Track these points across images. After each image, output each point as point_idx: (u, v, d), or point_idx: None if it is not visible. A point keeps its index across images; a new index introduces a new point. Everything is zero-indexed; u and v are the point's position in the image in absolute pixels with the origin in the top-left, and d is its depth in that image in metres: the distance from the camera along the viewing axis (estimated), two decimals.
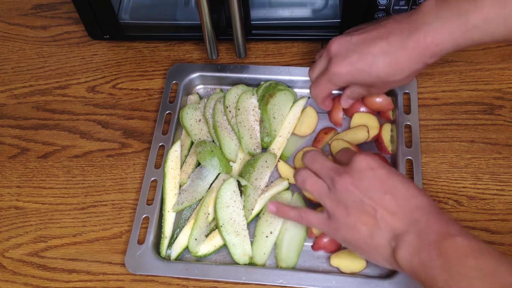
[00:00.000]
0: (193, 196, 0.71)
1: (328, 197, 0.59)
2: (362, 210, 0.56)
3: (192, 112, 0.77)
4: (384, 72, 0.63)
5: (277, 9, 0.81)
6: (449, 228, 0.53)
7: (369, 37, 0.63)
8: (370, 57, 0.62)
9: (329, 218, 0.59)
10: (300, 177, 0.62)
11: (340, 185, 0.57)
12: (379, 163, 0.58)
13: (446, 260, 0.50)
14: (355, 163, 0.58)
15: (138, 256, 0.67)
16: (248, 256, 0.67)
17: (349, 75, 0.64)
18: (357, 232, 0.57)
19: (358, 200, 0.56)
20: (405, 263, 0.54)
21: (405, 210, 0.55)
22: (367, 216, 0.56)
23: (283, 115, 0.76)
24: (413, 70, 0.62)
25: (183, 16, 0.84)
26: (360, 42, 0.63)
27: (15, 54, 0.88)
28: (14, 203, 0.74)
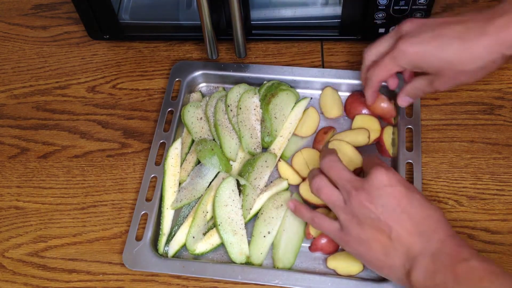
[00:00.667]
0: (192, 194, 0.71)
1: (343, 210, 0.57)
2: (377, 228, 0.55)
3: (194, 110, 0.77)
4: (457, 58, 0.58)
5: (277, 9, 0.81)
6: (462, 251, 0.53)
7: (448, 21, 0.59)
8: (445, 39, 0.58)
9: (342, 229, 0.58)
10: (316, 184, 0.59)
11: (357, 200, 0.56)
12: (398, 179, 0.56)
13: (461, 284, 0.50)
14: (373, 178, 0.56)
15: (135, 252, 0.67)
16: (245, 256, 0.67)
17: (417, 55, 0.60)
18: (370, 248, 0.56)
19: (374, 217, 0.55)
20: (419, 286, 0.53)
21: (420, 231, 0.54)
22: (382, 234, 0.55)
23: (285, 115, 0.76)
24: (487, 61, 0.58)
25: (183, 16, 0.84)
26: (438, 24, 0.60)
27: (15, 54, 0.88)
28: (14, 203, 0.74)
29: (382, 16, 0.76)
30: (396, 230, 0.54)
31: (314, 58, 0.83)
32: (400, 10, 0.75)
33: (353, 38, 0.82)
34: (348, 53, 0.83)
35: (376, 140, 0.73)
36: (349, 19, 0.78)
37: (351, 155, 0.70)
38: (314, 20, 0.81)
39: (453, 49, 0.58)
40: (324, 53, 0.84)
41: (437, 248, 0.53)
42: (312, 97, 0.78)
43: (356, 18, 0.77)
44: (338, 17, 0.79)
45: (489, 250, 0.67)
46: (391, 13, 0.75)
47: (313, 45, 0.85)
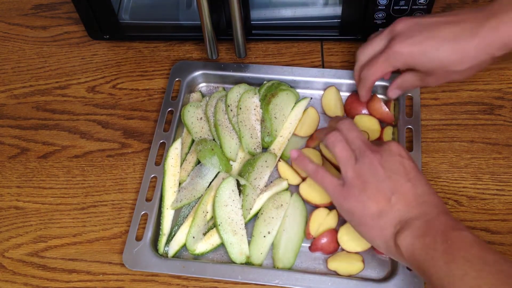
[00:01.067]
0: (192, 194, 0.71)
1: (352, 167, 0.58)
2: (380, 190, 0.56)
3: (194, 110, 0.77)
4: (448, 59, 0.60)
5: (277, 9, 0.81)
6: (458, 224, 0.54)
7: (440, 21, 0.61)
8: (437, 40, 0.60)
9: (343, 185, 0.58)
10: (332, 137, 0.60)
11: (369, 159, 0.57)
12: (409, 155, 0.58)
13: (451, 246, 0.51)
14: (388, 146, 0.58)
15: (135, 252, 0.67)
16: (245, 256, 0.67)
17: (410, 56, 0.62)
18: (366, 207, 0.56)
19: (381, 179, 0.56)
20: (406, 245, 0.53)
21: (419, 202, 0.55)
22: (382, 197, 0.56)
23: (285, 115, 0.76)
24: (477, 61, 0.60)
25: (183, 16, 0.84)
26: (430, 24, 0.61)
27: (15, 54, 0.88)
28: (14, 203, 0.74)
29: (382, 16, 0.76)
30: (397, 196, 0.55)
31: (314, 58, 0.83)
32: (400, 10, 0.75)
33: (353, 38, 0.82)
34: (348, 53, 0.83)
35: (376, 140, 0.73)
36: (349, 19, 0.78)
37: None
38: (314, 20, 0.81)
39: (445, 50, 0.60)
40: (324, 53, 0.84)
41: (434, 216, 0.54)
42: (312, 97, 0.78)
43: (356, 18, 0.77)
44: (338, 17, 0.79)
45: None
46: (391, 13, 0.75)
47: (313, 45, 0.85)
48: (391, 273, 0.65)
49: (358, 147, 0.59)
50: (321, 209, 0.68)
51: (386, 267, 0.66)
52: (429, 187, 0.57)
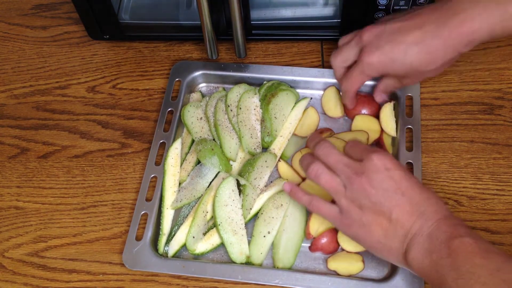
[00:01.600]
0: (192, 194, 0.71)
1: (344, 195, 0.58)
2: (378, 211, 0.56)
3: (194, 110, 0.77)
4: (418, 62, 0.62)
5: (277, 9, 0.81)
6: (458, 229, 0.54)
7: (404, 26, 0.62)
8: (404, 46, 0.62)
9: (342, 213, 0.59)
10: (313, 171, 0.60)
11: (357, 184, 0.57)
12: (394, 163, 0.57)
13: (455, 259, 0.51)
14: (370, 162, 0.57)
15: (135, 252, 0.67)
16: (245, 255, 0.67)
17: (382, 65, 0.64)
18: (370, 232, 0.57)
19: (375, 200, 0.56)
20: (416, 264, 0.54)
21: (418, 212, 0.55)
22: (382, 217, 0.56)
23: (285, 115, 0.76)
24: (447, 59, 0.62)
25: (183, 16, 0.84)
26: (395, 31, 0.63)
27: (15, 54, 0.88)
28: (14, 203, 0.74)
29: (382, 16, 0.76)
30: (396, 212, 0.55)
31: (314, 58, 0.83)
32: (400, 10, 0.75)
33: None
34: None
35: (376, 140, 0.73)
36: (349, 19, 0.78)
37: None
38: (314, 20, 0.81)
39: (414, 54, 0.62)
40: (324, 53, 0.84)
41: (434, 227, 0.54)
42: (312, 97, 0.78)
43: (356, 18, 0.77)
44: (338, 17, 0.79)
45: None
46: (391, 13, 0.75)
47: (313, 45, 0.85)
48: (391, 273, 0.65)
49: (342, 172, 0.58)
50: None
51: (386, 267, 0.66)
52: (424, 192, 0.56)
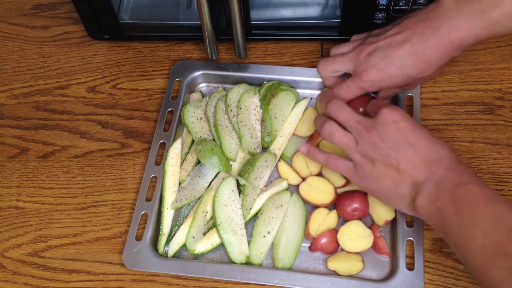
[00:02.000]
0: (192, 194, 0.71)
1: (356, 151, 0.61)
2: (387, 163, 0.59)
3: (194, 110, 0.77)
4: (415, 71, 0.64)
5: (277, 9, 0.81)
6: (464, 177, 0.57)
7: (394, 41, 0.64)
8: (398, 61, 0.64)
9: (356, 167, 0.62)
10: (327, 129, 0.63)
11: (368, 139, 0.60)
12: (404, 116, 0.60)
13: (459, 206, 0.55)
14: (380, 116, 0.60)
15: (135, 252, 0.67)
16: (244, 256, 0.67)
17: (381, 81, 0.66)
18: (381, 183, 0.60)
19: (384, 153, 0.59)
20: (423, 210, 0.58)
21: (425, 162, 0.58)
22: (391, 169, 0.59)
23: (285, 115, 0.76)
24: (441, 64, 0.64)
25: (183, 16, 0.84)
26: (386, 47, 0.65)
27: (15, 54, 0.88)
28: (14, 203, 0.74)
29: (382, 16, 0.76)
30: (404, 163, 0.58)
31: (314, 58, 0.83)
32: (400, 10, 0.75)
33: None
34: None
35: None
36: (349, 19, 0.78)
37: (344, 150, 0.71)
38: (314, 20, 0.81)
39: (409, 65, 0.64)
40: (324, 53, 0.84)
41: (441, 175, 0.57)
42: (312, 97, 0.78)
43: (356, 18, 0.77)
44: (338, 17, 0.79)
45: None
46: (391, 13, 0.75)
47: (313, 45, 0.85)
48: (390, 273, 0.65)
49: (353, 129, 0.62)
50: (320, 209, 0.68)
51: (386, 267, 0.66)
52: (431, 142, 0.59)
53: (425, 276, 0.64)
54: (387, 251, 0.66)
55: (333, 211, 0.68)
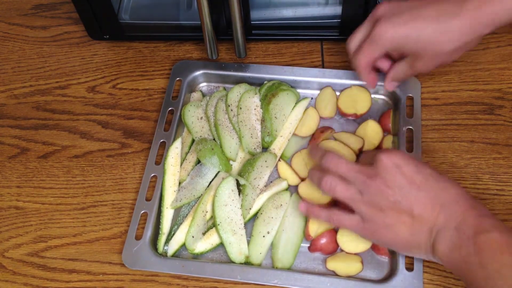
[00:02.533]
0: (192, 194, 0.71)
1: (362, 202, 0.57)
2: (399, 210, 0.56)
3: (194, 109, 0.77)
4: (432, 40, 0.59)
5: (277, 9, 0.81)
6: (484, 222, 0.53)
7: (422, 2, 0.60)
8: (421, 20, 0.59)
9: (364, 221, 0.58)
10: (327, 184, 0.59)
11: (374, 188, 0.56)
12: (403, 157, 0.57)
13: (483, 257, 0.51)
14: (380, 163, 0.56)
15: (135, 251, 0.67)
16: (244, 255, 0.67)
17: (394, 38, 0.61)
18: (397, 232, 0.56)
19: (394, 200, 0.56)
20: (446, 258, 0.54)
21: (439, 204, 0.55)
22: (405, 215, 0.55)
23: (285, 115, 0.76)
24: (463, 42, 0.59)
25: (183, 16, 0.84)
26: (412, 6, 0.60)
27: (15, 54, 0.88)
28: (14, 203, 0.74)
29: None
30: (417, 208, 0.55)
31: (314, 58, 0.83)
32: None
33: None
34: None
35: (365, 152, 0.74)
36: (349, 19, 0.78)
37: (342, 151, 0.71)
38: (314, 20, 0.81)
39: (429, 31, 0.59)
40: (324, 53, 0.84)
41: (460, 220, 0.53)
42: (313, 97, 0.78)
43: (356, 18, 0.77)
44: (338, 17, 0.79)
45: None
46: None
47: (313, 45, 0.85)
48: (389, 274, 0.65)
49: (356, 179, 0.58)
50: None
51: (385, 268, 0.66)
52: (439, 181, 0.56)
53: (424, 276, 0.64)
54: (386, 251, 0.66)
55: None
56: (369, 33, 0.63)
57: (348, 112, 0.75)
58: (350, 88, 0.77)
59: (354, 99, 0.76)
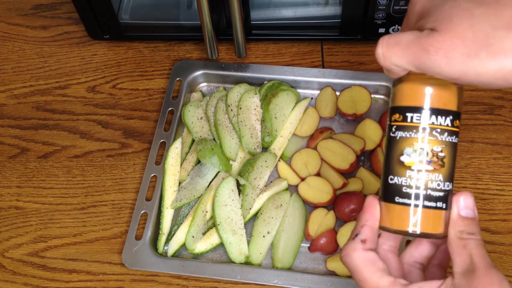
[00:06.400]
0: (192, 194, 0.71)
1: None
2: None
3: (194, 109, 0.77)
4: (497, 80, 0.36)
5: (277, 9, 0.81)
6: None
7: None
8: (502, 55, 0.35)
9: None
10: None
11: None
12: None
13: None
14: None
15: (135, 251, 0.67)
16: (244, 255, 0.67)
17: (446, 76, 0.38)
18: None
19: None
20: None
21: None
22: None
23: (285, 115, 0.76)
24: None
25: (183, 16, 0.84)
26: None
27: (15, 54, 0.88)
28: (14, 203, 0.74)
29: (382, 16, 0.76)
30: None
31: (314, 58, 0.83)
32: (400, 10, 0.75)
33: (353, 38, 0.82)
34: (348, 53, 0.83)
35: (369, 151, 0.73)
36: (349, 19, 0.78)
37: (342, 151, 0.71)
38: (314, 20, 0.81)
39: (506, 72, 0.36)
40: (324, 53, 0.84)
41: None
42: (313, 97, 0.78)
43: (356, 18, 0.77)
44: (338, 17, 0.79)
45: (489, 250, 0.66)
46: (391, 13, 0.75)
47: (313, 45, 0.85)
48: None
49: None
50: (319, 210, 0.68)
51: None
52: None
53: None
54: None
55: (331, 211, 0.68)
56: (425, 35, 0.38)
57: (348, 112, 0.75)
58: (350, 88, 0.77)
59: (354, 99, 0.76)
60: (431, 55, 0.37)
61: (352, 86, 0.77)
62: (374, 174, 0.71)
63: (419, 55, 0.38)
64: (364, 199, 0.66)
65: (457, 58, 0.36)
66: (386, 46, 0.41)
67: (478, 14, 0.36)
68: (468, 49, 0.36)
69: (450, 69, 0.37)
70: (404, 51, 0.39)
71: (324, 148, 0.72)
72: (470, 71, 0.37)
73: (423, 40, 0.38)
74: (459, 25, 0.36)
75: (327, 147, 0.72)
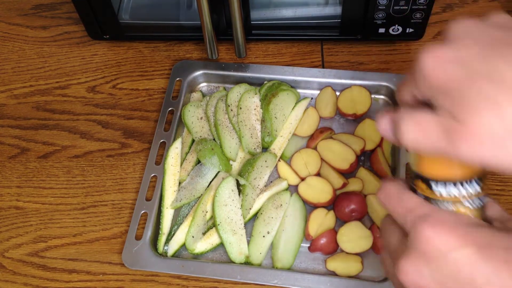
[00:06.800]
0: (192, 194, 0.71)
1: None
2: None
3: (194, 109, 0.77)
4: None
5: (277, 9, 0.81)
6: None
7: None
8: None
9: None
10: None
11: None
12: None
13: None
14: (420, 243, 0.37)
15: (135, 251, 0.67)
16: (244, 255, 0.67)
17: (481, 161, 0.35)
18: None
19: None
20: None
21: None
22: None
23: (285, 115, 0.76)
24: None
25: (183, 16, 0.84)
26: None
27: (15, 54, 0.88)
28: (14, 203, 0.74)
29: (382, 16, 0.76)
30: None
31: (314, 58, 0.83)
32: (400, 10, 0.75)
33: (353, 38, 0.82)
34: (348, 53, 0.83)
35: (370, 150, 0.73)
36: (349, 19, 0.78)
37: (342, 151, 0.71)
38: (314, 20, 0.81)
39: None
40: (324, 53, 0.84)
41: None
42: (313, 97, 0.78)
43: (356, 18, 0.77)
44: (338, 17, 0.79)
45: None
46: (391, 13, 0.75)
47: (313, 45, 0.85)
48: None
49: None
50: (319, 209, 0.68)
51: None
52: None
53: None
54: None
55: (331, 211, 0.68)
56: (451, 120, 0.35)
57: (348, 112, 0.75)
58: (350, 88, 0.77)
59: (354, 99, 0.76)
60: (456, 148, 0.35)
61: (352, 86, 0.77)
62: (374, 174, 0.71)
63: (444, 144, 0.35)
64: (364, 199, 0.67)
65: (485, 152, 0.34)
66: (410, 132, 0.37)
67: (506, 104, 0.33)
68: (495, 142, 0.34)
69: (476, 160, 0.35)
70: (427, 138, 0.36)
71: (324, 148, 0.72)
72: (498, 162, 0.35)
73: (448, 128, 0.35)
74: (486, 117, 0.33)
75: (327, 147, 0.72)
